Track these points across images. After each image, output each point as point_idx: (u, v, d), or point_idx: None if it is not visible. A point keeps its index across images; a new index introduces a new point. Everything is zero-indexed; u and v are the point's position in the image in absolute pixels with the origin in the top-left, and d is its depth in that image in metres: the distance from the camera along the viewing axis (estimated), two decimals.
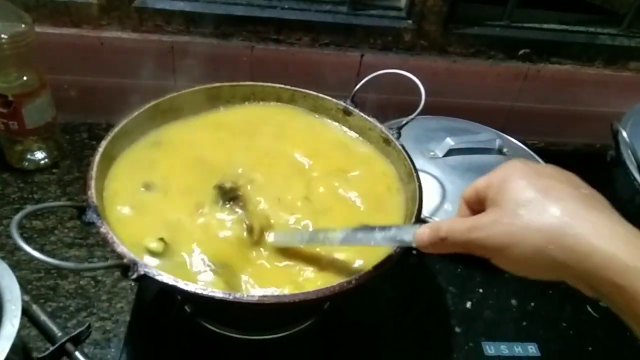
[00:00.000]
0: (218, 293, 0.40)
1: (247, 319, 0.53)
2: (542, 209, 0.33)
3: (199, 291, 0.40)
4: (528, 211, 0.34)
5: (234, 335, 0.54)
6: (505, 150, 0.79)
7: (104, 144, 0.51)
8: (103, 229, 0.43)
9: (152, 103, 0.58)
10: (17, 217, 0.40)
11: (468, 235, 0.36)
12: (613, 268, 0.31)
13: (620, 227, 0.32)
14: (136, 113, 0.56)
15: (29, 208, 0.42)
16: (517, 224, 0.34)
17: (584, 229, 0.32)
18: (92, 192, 0.46)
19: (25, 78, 0.73)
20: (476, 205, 0.39)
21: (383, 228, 0.45)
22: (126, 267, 0.40)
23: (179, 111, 0.61)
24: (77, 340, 0.60)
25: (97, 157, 0.50)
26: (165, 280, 0.40)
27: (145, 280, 0.41)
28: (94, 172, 0.48)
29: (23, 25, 0.69)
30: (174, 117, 0.61)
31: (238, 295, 0.40)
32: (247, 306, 0.40)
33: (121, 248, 0.41)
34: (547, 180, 0.35)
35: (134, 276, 0.40)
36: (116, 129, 0.53)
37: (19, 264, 0.67)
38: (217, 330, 0.54)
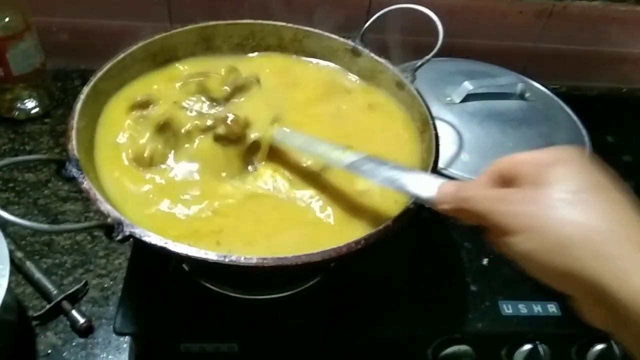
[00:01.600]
0: (212, 255, 0.36)
1: (246, 278, 0.50)
2: (586, 207, 0.29)
3: (190, 253, 0.36)
4: (569, 203, 0.30)
5: (235, 294, 0.51)
6: (527, 95, 0.73)
7: (85, 90, 0.47)
8: (85, 185, 0.39)
9: (140, 44, 0.52)
10: None
11: (493, 205, 0.32)
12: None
13: None
14: (122, 55, 0.51)
15: None
16: (551, 211, 0.30)
17: (622, 250, 0.28)
18: (73, 143, 0.42)
19: (7, 19, 0.68)
20: (503, 181, 0.35)
21: (396, 168, 0.41)
22: (110, 228, 0.36)
23: (171, 53, 0.56)
24: (74, 298, 0.58)
25: (79, 106, 0.45)
26: (153, 242, 0.36)
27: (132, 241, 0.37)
28: (75, 121, 0.43)
29: None
30: (166, 59, 0.56)
31: (234, 257, 0.36)
32: (244, 269, 0.37)
33: (105, 206, 0.37)
34: (601, 180, 0.31)
35: (119, 237, 0.36)
36: (100, 73, 0.49)
37: None
38: (217, 289, 0.51)
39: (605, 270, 0.27)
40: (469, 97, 0.70)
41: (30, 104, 0.76)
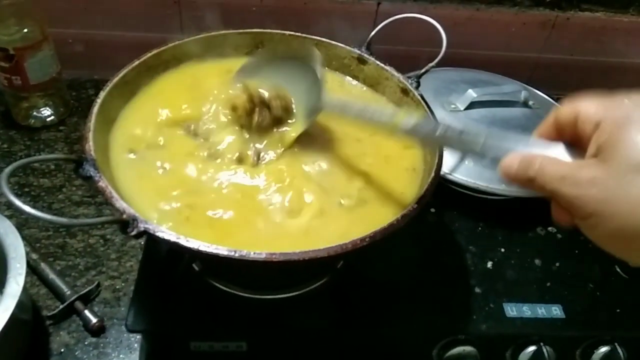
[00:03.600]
0: (222, 250, 0.37)
1: (256, 277, 0.51)
2: None
3: (202, 248, 0.37)
4: None
5: (243, 294, 0.52)
6: (531, 103, 0.74)
7: (102, 95, 0.49)
8: (101, 183, 0.41)
9: (154, 52, 0.54)
10: (7, 169, 0.38)
11: (558, 186, 0.30)
12: None
13: None
14: (136, 62, 0.53)
15: (21, 161, 0.39)
16: (623, 192, 0.27)
17: None
18: (90, 144, 0.44)
19: (25, 30, 0.70)
20: (568, 131, 0.32)
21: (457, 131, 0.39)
22: (125, 223, 0.38)
23: (183, 61, 0.58)
24: (87, 299, 0.59)
25: (96, 109, 0.47)
26: (166, 237, 0.38)
27: (147, 237, 0.39)
28: (92, 123, 0.45)
29: None
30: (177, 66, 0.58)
31: (244, 252, 0.37)
32: (253, 264, 0.38)
33: (120, 203, 0.39)
34: None
35: (134, 232, 0.37)
36: (115, 79, 0.51)
37: (27, 222, 0.66)
38: (227, 289, 0.52)
39: None
40: (473, 105, 0.71)
41: (45, 112, 0.79)
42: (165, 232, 0.38)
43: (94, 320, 0.57)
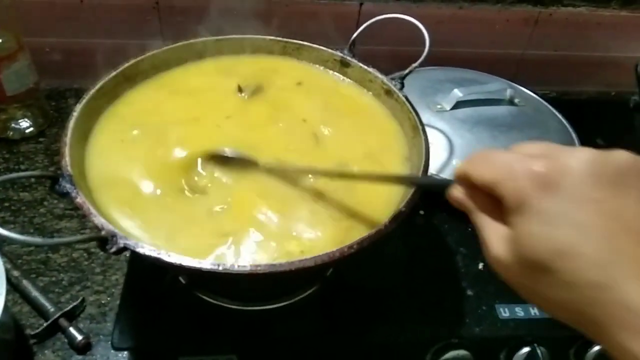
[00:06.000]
0: (206, 264, 0.36)
1: (243, 288, 0.50)
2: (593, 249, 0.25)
3: (184, 263, 0.36)
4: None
5: (231, 306, 0.51)
6: (516, 100, 0.74)
7: (78, 108, 0.47)
8: (79, 200, 0.39)
9: (131, 62, 0.53)
10: None
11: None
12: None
13: None
14: (114, 73, 0.51)
15: None
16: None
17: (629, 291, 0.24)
18: (67, 160, 0.42)
19: (0, 40, 0.68)
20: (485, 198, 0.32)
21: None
22: (104, 240, 0.37)
23: (162, 69, 0.57)
24: (71, 316, 0.58)
25: (72, 123, 0.46)
26: (147, 253, 0.36)
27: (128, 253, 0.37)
28: (68, 138, 0.44)
29: None
30: (157, 74, 0.57)
31: (227, 265, 0.36)
32: (238, 277, 0.37)
33: (98, 219, 0.38)
34: (618, 200, 0.26)
35: (113, 249, 0.36)
36: (92, 91, 0.49)
37: None
38: (214, 301, 0.51)
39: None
40: (459, 104, 0.71)
41: (24, 123, 0.77)
42: (146, 248, 0.37)
43: (79, 337, 0.55)
